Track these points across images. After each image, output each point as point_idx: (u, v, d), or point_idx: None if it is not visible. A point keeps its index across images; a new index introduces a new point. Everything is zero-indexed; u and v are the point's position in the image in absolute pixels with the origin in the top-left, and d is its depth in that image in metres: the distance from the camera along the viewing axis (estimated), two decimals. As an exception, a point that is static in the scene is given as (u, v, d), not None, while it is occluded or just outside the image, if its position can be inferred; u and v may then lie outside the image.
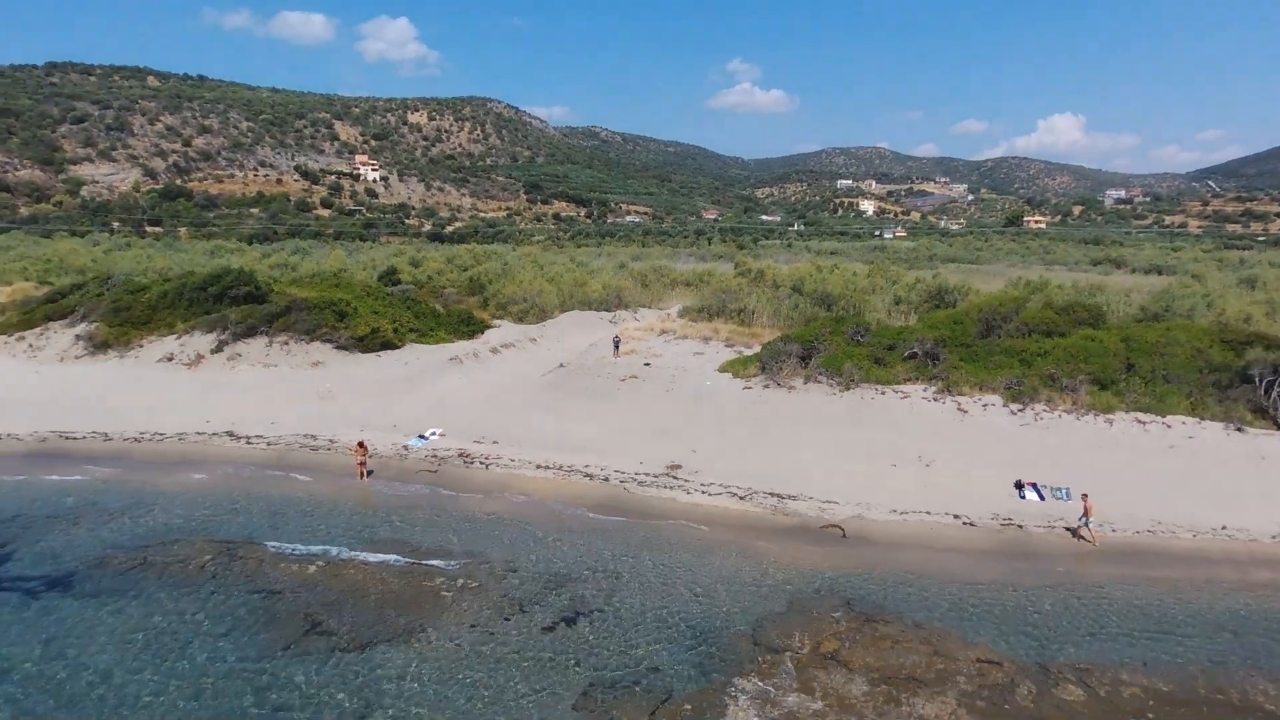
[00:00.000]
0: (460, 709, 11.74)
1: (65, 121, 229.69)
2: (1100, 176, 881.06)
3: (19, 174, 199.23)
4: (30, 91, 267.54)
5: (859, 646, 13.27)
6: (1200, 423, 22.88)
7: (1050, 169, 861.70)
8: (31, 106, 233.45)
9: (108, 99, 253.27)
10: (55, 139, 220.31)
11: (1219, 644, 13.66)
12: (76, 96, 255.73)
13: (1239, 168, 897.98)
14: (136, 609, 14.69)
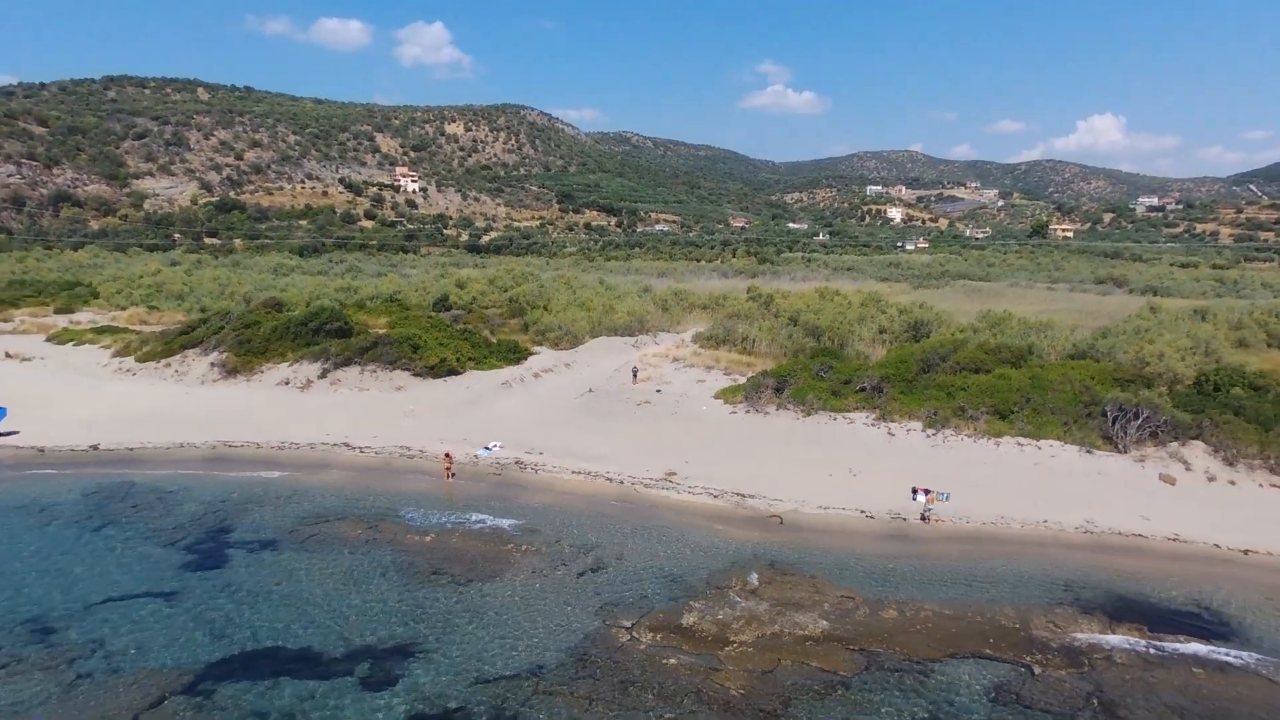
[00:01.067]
0: (528, 616, 20.15)
1: (127, 137, 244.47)
2: (1138, 181, 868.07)
3: (88, 189, 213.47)
4: (94, 108, 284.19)
5: (770, 586, 21.39)
6: (1063, 446, 30.51)
7: (1086, 173, 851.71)
8: (97, 124, 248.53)
9: (165, 114, 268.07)
10: (119, 154, 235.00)
11: (999, 591, 21.55)
12: (136, 112, 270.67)
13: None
14: (324, 560, 23.39)
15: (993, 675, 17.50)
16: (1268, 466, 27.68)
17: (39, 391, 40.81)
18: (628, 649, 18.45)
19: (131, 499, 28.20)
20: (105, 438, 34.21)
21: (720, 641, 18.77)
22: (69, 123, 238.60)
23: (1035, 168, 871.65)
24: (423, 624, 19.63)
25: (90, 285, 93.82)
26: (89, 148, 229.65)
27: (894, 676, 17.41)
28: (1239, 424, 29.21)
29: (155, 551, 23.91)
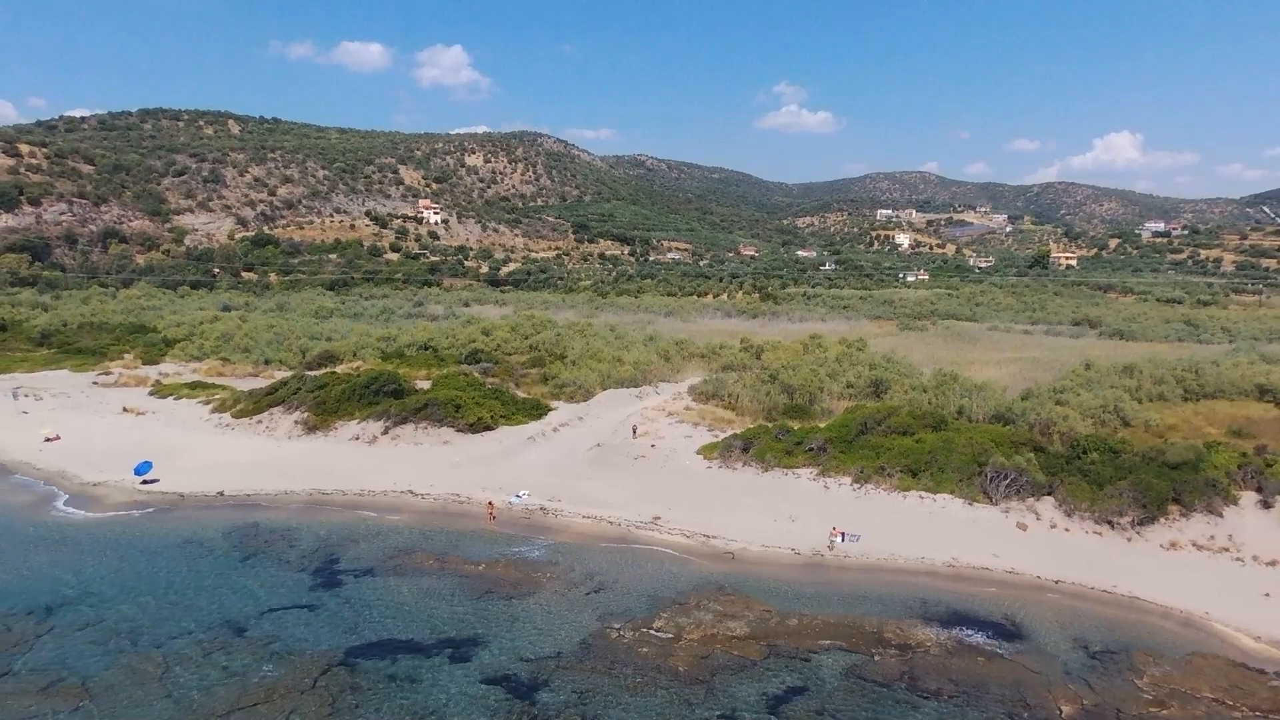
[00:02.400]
0: (551, 620, 30.23)
1: (168, 174, 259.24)
2: (1150, 202, 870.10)
3: (132, 225, 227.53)
4: (134, 144, 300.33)
5: (711, 606, 31.38)
6: (953, 498, 40.26)
7: (1098, 194, 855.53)
8: (139, 161, 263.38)
9: (202, 150, 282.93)
10: (161, 191, 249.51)
11: (871, 607, 31.35)
12: (174, 149, 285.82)
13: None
14: (410, 581, 33.65)
15: (848, 660, 27.44)
16: (1094, 517, 37.39)
17: (162, 444, 51.61)
18: (616, 642, 28.57)
19: (260, 536, 38.73)
20: (226, 485, 44.90)
21: (677, 638, 28.85)
22: (114, 161, 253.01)
23: (1048, 189, 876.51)
24: (481, 624, 29.86)
25: (155, 329, 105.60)
26: (133, 185, 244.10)
27: (785, 660, 27.40)
28: (1078, 484, 38.96)
29: (290, 576, 34.36)
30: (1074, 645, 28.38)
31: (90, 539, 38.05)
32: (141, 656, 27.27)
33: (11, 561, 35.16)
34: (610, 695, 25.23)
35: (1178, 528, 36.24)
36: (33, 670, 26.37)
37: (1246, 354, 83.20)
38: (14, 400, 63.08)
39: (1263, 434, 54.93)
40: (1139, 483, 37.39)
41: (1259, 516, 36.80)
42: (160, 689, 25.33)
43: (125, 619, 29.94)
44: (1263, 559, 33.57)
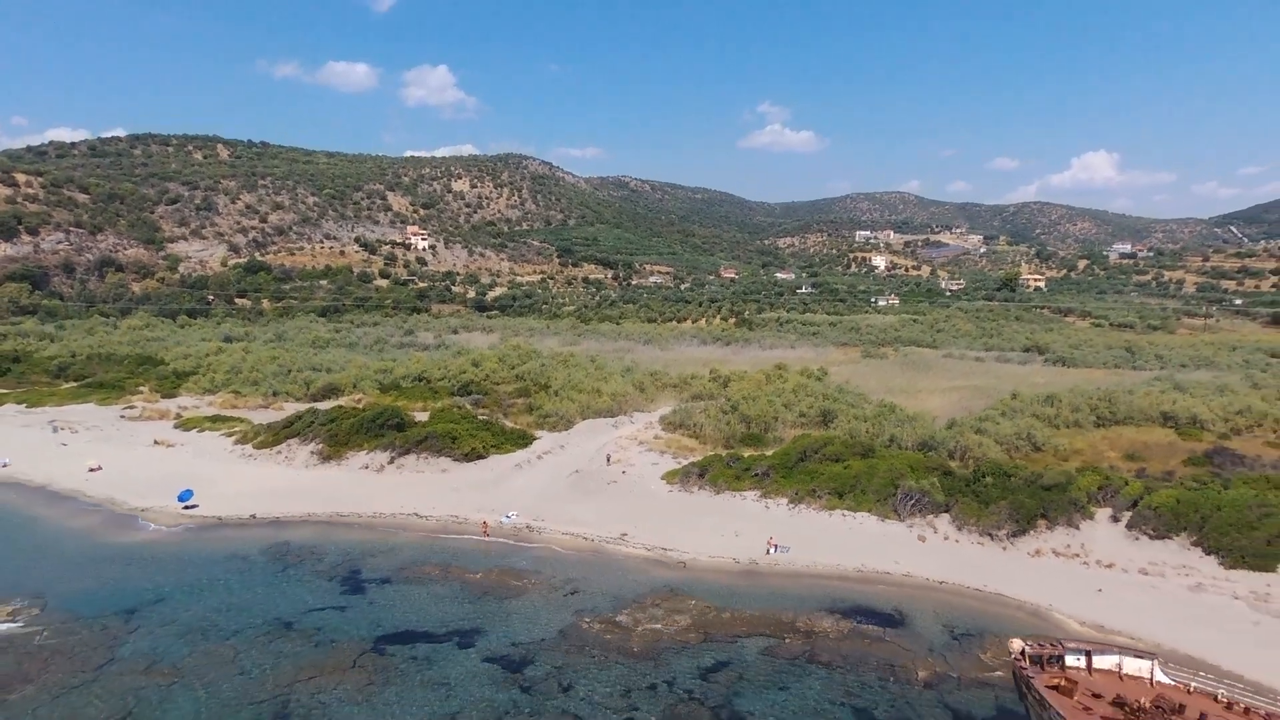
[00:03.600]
0: (536, 616, 38.08)
1: (161, 202, 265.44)
2: (1123, 222, 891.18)
3: (127, 253, 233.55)
4: (127, 171, 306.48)
5: (663, 605, 39.37)
6: (870, 516, 48.56)
7: (1073, 214, 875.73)
8: (133, 190, 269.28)
9: (194, 178, 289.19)
10: (155, 220, 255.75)
11: (790, 603, 39.39)
12: (166, 176, 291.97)
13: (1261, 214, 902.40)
14: (421, 588, 41.43)
15: (765, 643, 35.55)
16: (979, 530, 45.83)
17: (194, 473, 59.08)
18: (587, 631, 36.54)
19: (292, 552, 46.42)
20: (256, 509, 52.52)
21: (635, 627, 36.86)
22: (108, 190, 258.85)
23: (1024, 209, 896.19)
24: (480, 619, 37.74)
25: (163, 361, 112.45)
26: (127, 214, 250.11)
27: (717, 643, 35.48)
28: (969, 503, 47.44)
29: (322, 584, 42.10)
30: (942, 630, 36.65)
31: (151, 555, 45.61)
32: (215, 645, 34.97)
33: (91, 575, 42.66)
34: (581, 669, 33.21)
35: (1043, 538, 44.76)
36: (132, 657, 33.99)
37: (1163, 383, 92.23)
38: (53, 434, 70.27)
39: (1153, 457, 63.91)
40: (1015, 502, 45.97)
41: (1108, 528, 45.41)
42: (234, 668, 33.04)
43: (196, 618, 37.59)
44: (1103, 562, 42.09)
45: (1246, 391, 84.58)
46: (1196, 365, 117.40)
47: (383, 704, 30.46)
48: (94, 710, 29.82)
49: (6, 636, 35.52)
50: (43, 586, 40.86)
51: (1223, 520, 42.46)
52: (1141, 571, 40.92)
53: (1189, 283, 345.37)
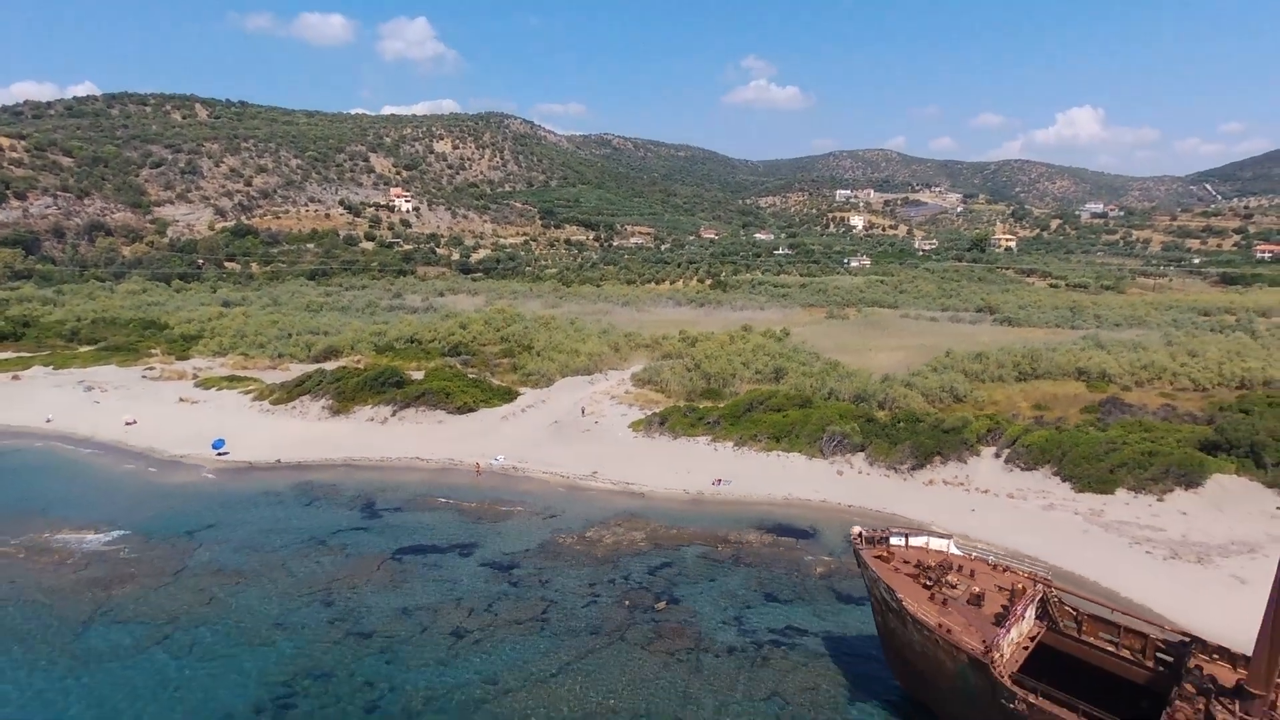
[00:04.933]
0: (521, 534, 47.39)
1: (145, 165, 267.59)
2: (1101, 180, 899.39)
3: (115, 217, 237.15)
4: (107, 133, 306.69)
5: (624, 525, 48.74)
6: (800, 455, 58.07)
7: (1052, 172, 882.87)
8: (116, 153, 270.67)
9: (177, 141, 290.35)
10: (140, 184, 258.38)
11: (727, 524, 48.79)
12: (148, 139, 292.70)
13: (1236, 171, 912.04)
14: (427, 515, 50.53)
15: (702, 551, 45.12)
16: (886, 465, 55.53)
17: (220, 426, 67.59)
18: (561, 544, 45.98)
19: (316, 489, 55.42)
20: (281, 455, 61.35)
21: (599, 542, 46.33)
22: (92, 153, 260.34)
23: (1004, 167, 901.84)
24: (476, 537, 47.07)
25: (168, 325, 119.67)
26: (112, 177, 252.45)
27: (663, 551, 45.02)
28: (881, 444, 57.07)
29: (344, 513, 51.21)
30: (842, 540, 46.31)
31: (196, 493, 54.51)
32: (265, 556, 44.13)
33: (150, 508, 51.51)
34: (556, 569, 42.71)
35: (936, 471, 54.56)
36: (201, 565, 43.09)
37: (1087, 341, 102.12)
38: (86, 392, 78.31)
39: (1057, 406, 73.80)
40: (917, 442, 55.65)
41: (990, 463, 55.28)
42: (284, 572, 42.24)
43: (245, 538, 46.69)
44: (981, 489, 51.98)
45: (1158, 349, 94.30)
46: (1129, 324, 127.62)
47: (403, 594, 39.82)
48: (182, 601, 38.95)
49: (98, 551, 44.48)
50: (114, 516, 49.68)
51: (1078, 454, 52.36)
52: (1009, 495, 50.84)
53: (1155, 242, 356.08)
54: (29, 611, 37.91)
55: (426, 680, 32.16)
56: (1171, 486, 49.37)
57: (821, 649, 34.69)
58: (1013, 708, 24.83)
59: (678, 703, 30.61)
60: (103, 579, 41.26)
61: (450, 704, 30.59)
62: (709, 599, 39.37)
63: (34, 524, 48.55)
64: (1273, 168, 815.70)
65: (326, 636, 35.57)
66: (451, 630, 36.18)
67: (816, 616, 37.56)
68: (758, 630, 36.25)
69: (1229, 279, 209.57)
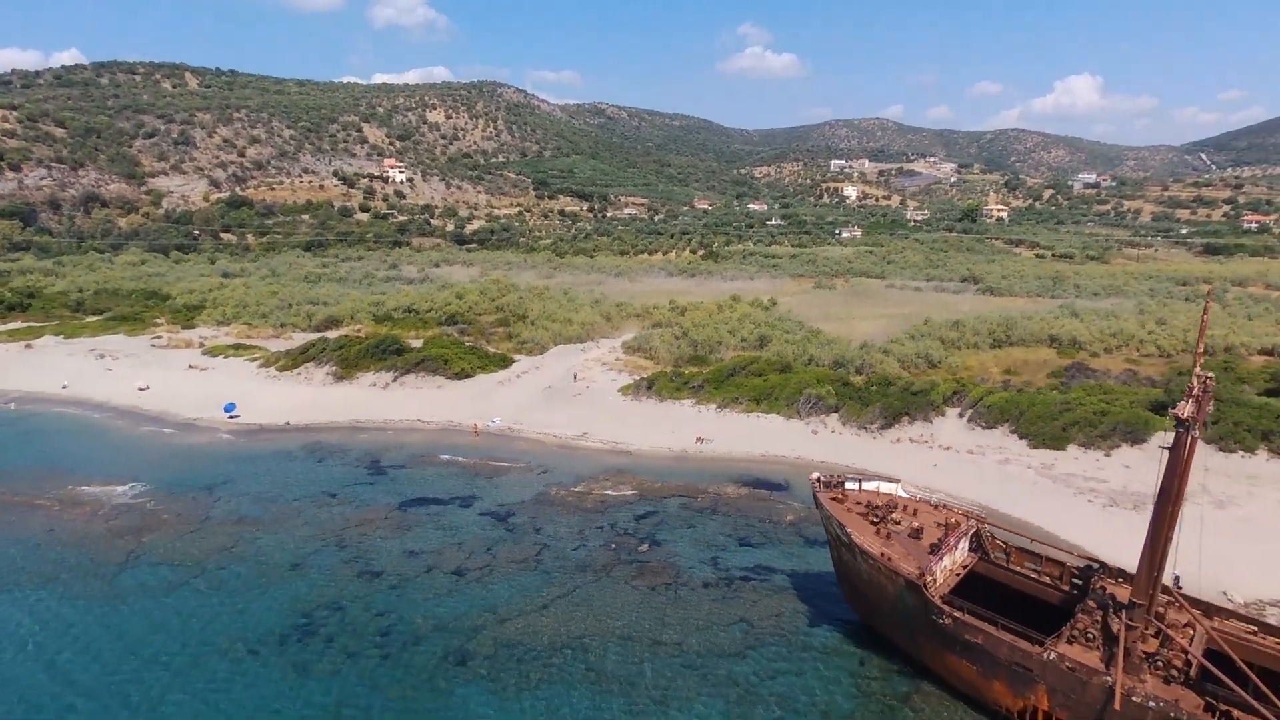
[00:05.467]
0: (518, 487, 51.22)
1: (138, 136, 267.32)
2: (1096, 149, 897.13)
3: (110, 188, 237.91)
4: (98, 103, 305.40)
5: (612, 480, 52.55)
6: (778, 417, 61.87)
7: (1048, 142, 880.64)
8: (109, 124, 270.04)
9: (169, 111, 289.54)
10: (134, 154, 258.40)
11: (705, 478, 52.62)
12: (140, 109, 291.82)
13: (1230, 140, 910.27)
14: (429, 470, 54.21)
15: (683, 501, 49.00)
16: (858, 425, 59.39)
17: (230, 391, 71.03)
18: (554, 497, 49.86)
19: (324, 448, 59.10)
20: (289, 418, 64.93)
21: (589, 494, 50.22)
22: (85, 124, 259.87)
23: (1000, 136, 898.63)
24: (475, 490, 50.91)
25: (169, 295, 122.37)
26: (106, 148, 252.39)
27: (648, 502, 48.90)
28: (854, 405, 60.88)
29: (351, 470, 54.95)
30: (810, 491, 50.29)
31: (212, 452, 58.18)
32: (281, 507, 47.93)
33: (170, 465, 55.18)
34: (549, 519, 46.62)
35: (904, 430, 58.47)
36: (222, 515, 46.88)
37: (1063, 310, 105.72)
38: (98, 360, 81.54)
39: (1026, 371, 77.57)
40: (887, 404, 59.48)
41: (954, 422, 59.19)
42: (300, 521, 46.06)
43: (262, 491, 50.46)
44: (944, 446, 55.91)
45: (1130, 317, 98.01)
46: (1108, 294, 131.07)
47: (409, 539, 43.70)
48: (207, 545, 42.78)
49: (126, 504, 48.24)
50: (137, 473, 53.36)
51: (1034, 414, 56.27)
52: (969, 452, 54.81)
53: (1146, 212, 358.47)
54: (68, 555, 41.70)
55: (432, 611, 36.11)
56: (1118, 443, 53.36)
57: (786, 584, 38.74)
58: (942, 623, 28.82)
59: (657, 627, 34.63)
60: (133, 527, 45.03)
61: (454, 630, 34.54)
62: (688, 542, 43.35)
63: (63, 480, 52.21)
64: (1267, 137, 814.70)
65: (341, 575, 39.47)
66: (454, 569, 40.11)
67: (784, 557, 41.58)
68: (730, 568, 40.27)
69: (1212, 249, 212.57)
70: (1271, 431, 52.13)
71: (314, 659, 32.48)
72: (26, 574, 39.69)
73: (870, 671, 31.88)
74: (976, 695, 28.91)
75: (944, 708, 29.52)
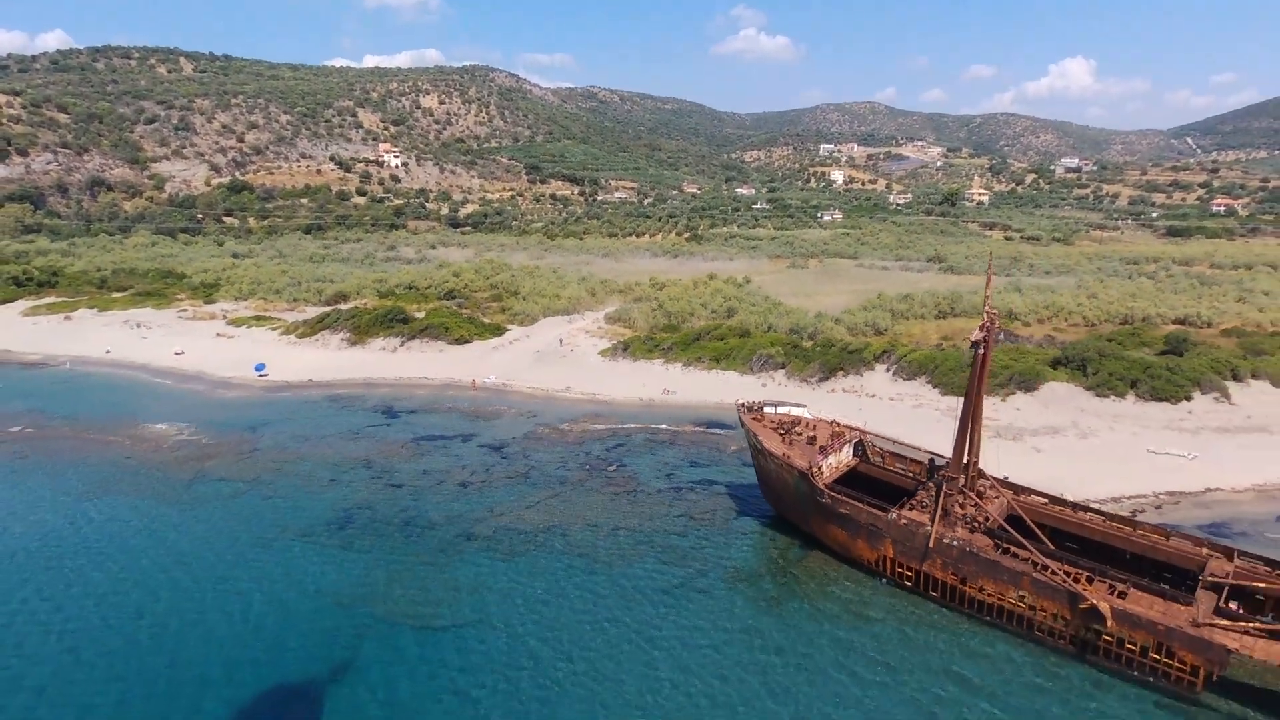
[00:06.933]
0: (510, 426, 61.23)
1: (139, 122, 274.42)
2: (1084, 134, 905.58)
3: (114, 173, 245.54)
4: (98, 89, 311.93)
5: (589, 421, 62.72)
6: (734, 373, 71.98)
7: (1036, 126, 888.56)
8: (110, 110, 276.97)
9: (169, 97, 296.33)
10: (136, 140, 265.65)
11: (678, 423, 62.83)
12: (139, 95, 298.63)
13: (1217, 125, 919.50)
14: (435, 416, 64.05)
15: (647, 437, 59.17)
16: (800, 378, 69.63)
17: (256, 355, 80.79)
18: (541, 434, 59.99)
19: (344, 400, 69.09)
20: (312, 376, 74.85)
21: (570, 431, 60.38)
22: (87, 110, 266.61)
23: (990, 121, 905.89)
24: (474, 429, 61.01)
25: (185, 275, 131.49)
26: (109, 134, 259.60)
27: (618, 437, 59.06)
28: (798, 362, 71.09)
29: (369, 415, 64.98)
30: (756, 430, 60.59)
31: (248, 403, 68.13)
32: (315, 442, 58.00)
33: (214, 414, 65.12)
34: (536, 449, 56.81)
35: (838, 382, 68.77)
36: (265, 448, 56.90)
37: (1009, 286, 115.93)
38: (134, 330, 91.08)
39: (960, 338, 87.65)
40: (825, 360, 69.76)
41: (882, 375, 69.52)
42: (331, 451, 56.13)
43: (296, 430, 60.49)
44: (871, 394, 66.23)
45: (1067, 292, 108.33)
46: (1059, 272, 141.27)
47: (422, 463, 53.86)
48: (259, 467, 52.84)
49: (184, 440, 58.27)
50: (188, 418, 63.33)
51: (946, 368, 66.60)
52: (890, 399, 65.20)
53: (1124, 196, 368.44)
54: (148, 474, 51.73)
55: (443, 509, 46.32)
56: (1015, 390, 63.79)
57: (723, 491, 49.09)
58: (823, 502, 39.09)
59: (617, 517, 44.91)
60: (195, 456, 55.07)
61: (461, 520, 44.74)
62: (648, 464, 53.63)
63: (127, 423, 62.17)
64: (1252, 121, 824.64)
65: (369, 486, 49.64)
66: (459, 482, 50.33)
67: (723, 474, 51.93)
68: (680, 481, 50.60)
69: (1174, 231, 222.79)
70: (1139, 380, 62.62)
71: (353, 539, 42.66)
72: (121, 485, 49.76)
73: (776, 544, 42.28)
74: (846, 553, 39.29)
75: (824, 565, 39.93)
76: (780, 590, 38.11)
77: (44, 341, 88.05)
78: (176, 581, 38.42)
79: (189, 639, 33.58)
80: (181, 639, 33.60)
